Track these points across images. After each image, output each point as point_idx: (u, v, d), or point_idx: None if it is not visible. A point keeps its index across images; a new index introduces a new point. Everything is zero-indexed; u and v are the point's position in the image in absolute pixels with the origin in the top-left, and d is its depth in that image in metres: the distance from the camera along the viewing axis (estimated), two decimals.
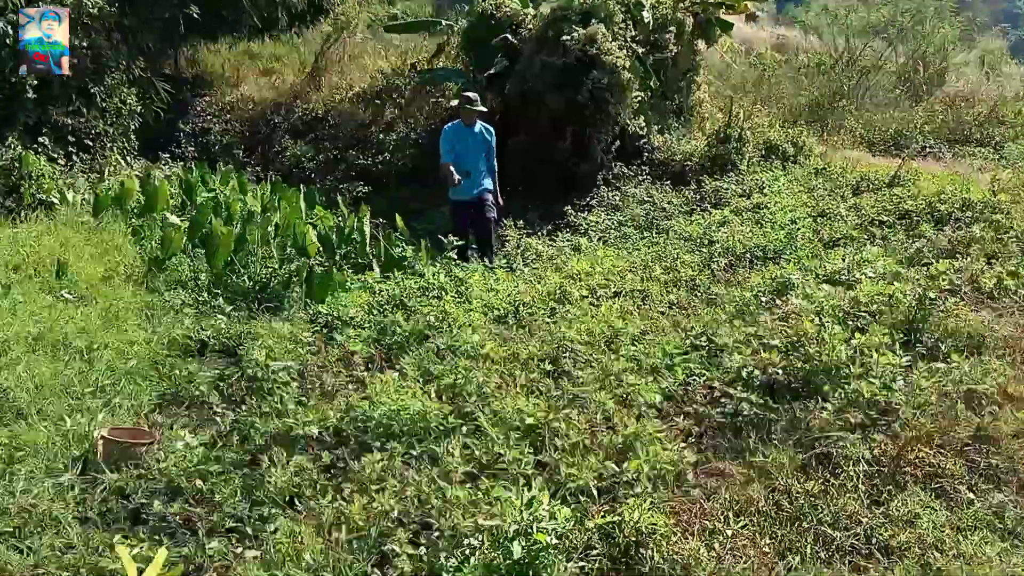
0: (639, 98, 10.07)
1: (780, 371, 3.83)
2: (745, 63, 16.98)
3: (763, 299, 5.11)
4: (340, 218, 9.24)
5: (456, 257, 7.14)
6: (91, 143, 11.19)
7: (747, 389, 3.75)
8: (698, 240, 7.40)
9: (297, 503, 3.28)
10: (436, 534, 2.88)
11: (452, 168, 7.58)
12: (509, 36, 10.50)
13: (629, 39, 10.04)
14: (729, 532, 2.95)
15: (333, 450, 3.66)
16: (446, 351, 4.48)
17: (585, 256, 7.49)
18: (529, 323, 5.09)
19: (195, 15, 12.34)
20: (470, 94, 7.98)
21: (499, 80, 10.38)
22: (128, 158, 11.69)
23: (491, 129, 8.04)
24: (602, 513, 2.92)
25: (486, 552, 2.69)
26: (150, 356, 5.50)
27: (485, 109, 7.85)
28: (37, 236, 7.49)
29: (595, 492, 3.05)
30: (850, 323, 4.32)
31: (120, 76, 11.48)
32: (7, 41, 9.46)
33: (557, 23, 9.85)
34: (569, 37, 9.54)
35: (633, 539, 2.79)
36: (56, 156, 10.51)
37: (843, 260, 5.56)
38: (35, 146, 10.15)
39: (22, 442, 3.80)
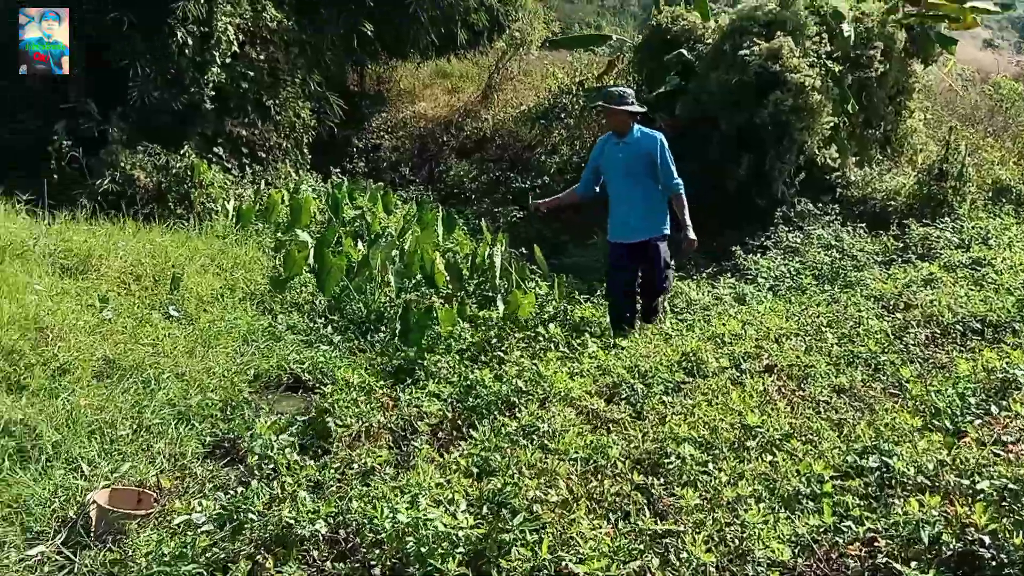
0: (832, 123, 8.56)
1: (986, 539, 2.49)
2: (977, 91, 14.57)
3: (972, 400, 3.68)
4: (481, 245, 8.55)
5: (615, 325, 5.59)
6: (264, 155, 11.39)
7: (929, 563, 2.45)
8: (892, 301, 5.90)
9: None
10: None
11: (542, 199, 6.60)
12: (684, 52, 9.38)
13: (823, 55, 8.58)
14: None
15: (339, 561, 2.83)
16: (518, 433, 3.51)
17: (746, 310, 6.23)
18: (641, 401, 4.00)
19: (369, 32, 12.37)
20: (614, 89, 5.93)
21: (671, 100, 9.29)
22: (301, 171, 11.79)
23: (657, 136, 5.69)
24: None
25: None
26: (226, 390, 4.99)
27: (629, 108, 5.60)
28: (169, 246, 7.35)
29: None
30: None
31: (295, 90, 11.63)
32: (187, 51, 9.70)
33: (736, 35, 8.59)
34: (748, 51, 8.27)
35: None
36: (230, 167, 10.74)
37: None
38: (210, 156, 10.39)
39: (10, 498, 3.28)
